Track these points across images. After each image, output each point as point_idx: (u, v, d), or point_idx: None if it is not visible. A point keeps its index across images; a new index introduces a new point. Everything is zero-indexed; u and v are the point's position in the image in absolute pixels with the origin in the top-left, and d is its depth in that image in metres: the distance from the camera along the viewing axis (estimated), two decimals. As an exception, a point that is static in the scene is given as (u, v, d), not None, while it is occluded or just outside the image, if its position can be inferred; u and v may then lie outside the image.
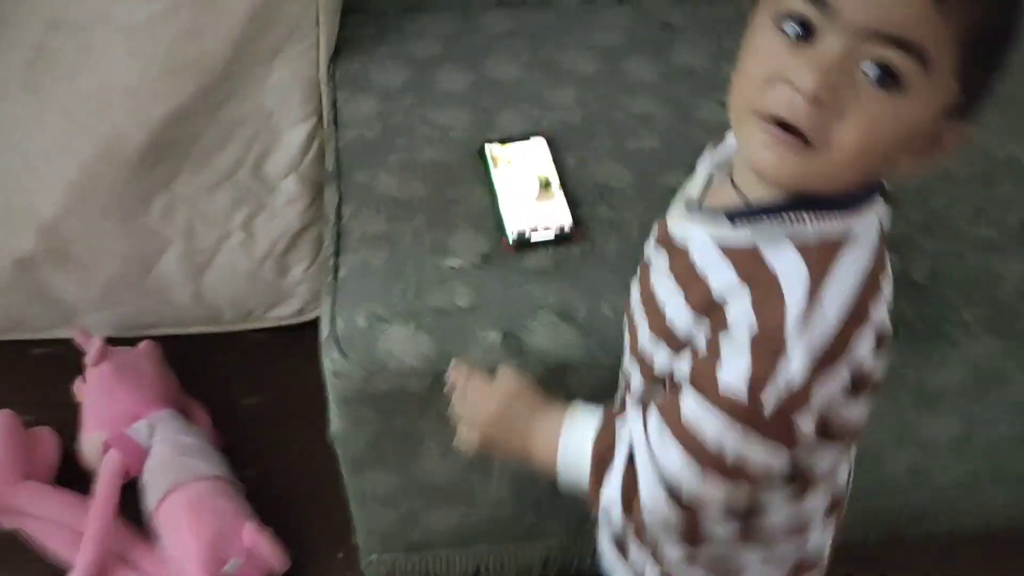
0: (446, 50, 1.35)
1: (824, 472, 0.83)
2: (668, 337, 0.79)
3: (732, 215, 0.74)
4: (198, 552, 1.24)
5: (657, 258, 0.83)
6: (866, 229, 0.74)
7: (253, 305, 1.55)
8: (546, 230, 1.11)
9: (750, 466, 0.73)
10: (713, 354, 0.73)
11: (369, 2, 1.41)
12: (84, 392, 1.42)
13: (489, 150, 1.19)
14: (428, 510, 1.19)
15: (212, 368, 1.56)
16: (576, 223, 1.12)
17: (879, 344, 0.73)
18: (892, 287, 0.77)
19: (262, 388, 1.56)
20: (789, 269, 0.71)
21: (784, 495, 0.82)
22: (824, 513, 0.88)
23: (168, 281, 1.48)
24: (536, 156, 1.19)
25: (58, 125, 1.31)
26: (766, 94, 0.68)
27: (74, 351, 1.46)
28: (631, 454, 0.77)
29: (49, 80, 1.27)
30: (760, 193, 0.74)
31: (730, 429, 0.71)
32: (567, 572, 1.31)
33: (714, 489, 0.74)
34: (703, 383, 0.73)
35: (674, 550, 0.87)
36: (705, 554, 0.87)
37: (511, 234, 1.10)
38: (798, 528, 0.86)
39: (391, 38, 1.35)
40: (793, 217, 0.71)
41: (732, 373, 0.71)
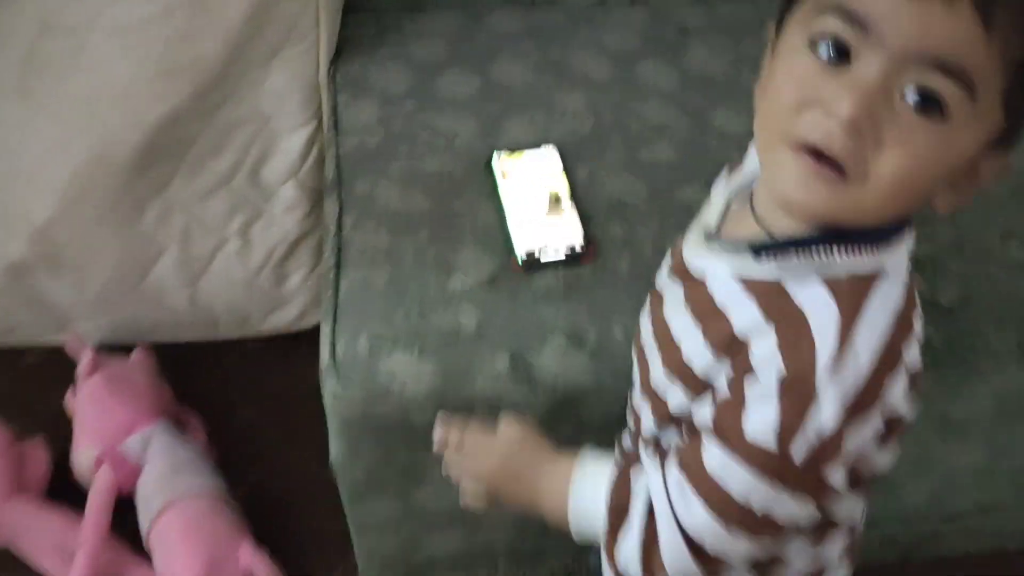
0: (450, 52, 1.29)
1: (845, 518, 0.79)
2: (684, 375, 0.74)
3: (756, 248, 0.70)
4: (194, 574, 1.20)
5: (671, 289, 0.79)
6: (897, 264, 0.70)
7: (250, 312, 1.50)
8: (556, 249, 1.06)
9: (777, 520, 0.69)
10: (737, 400, 0.68)
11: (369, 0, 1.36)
12: (76, 405, 1.38)
13: (497, 160, 1.14)
14: (430, 535, 1.15)
15: (208, 376, 1.53)
16: (588, 241, 1.07)
17: (912, 386, 0.69)
18: (922, 323, 0.73)
19: (259, 398, 1.52)
20: (818, 308, 0.66)
21: (804, 541, 0.78)
22: (841, 554, 0.84)
23: (163, 288, 1.45)
24: (546, 167, 1.14)
25: (50, 129, 1.27)
26: (798, 121, 0.64)
27: (67, 359, 1.43)
28: (650, 509, 0.73)
29: (41, 83, 1.23)
30: (785, 225, 0.70)
31: (757, 482, 0.67)
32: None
33: (739, 544, 0.70)
34: (727, 433, 0.69)
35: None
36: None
37: (520, 254, 1.05)
38: (815, 572, 0.83)
39: (392, 39, 1.30)
40: (822, 252, 0.67)
41: (759, 422, 0.67)
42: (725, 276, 0.71)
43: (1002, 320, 1.06)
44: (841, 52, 0.62)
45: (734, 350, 0.69)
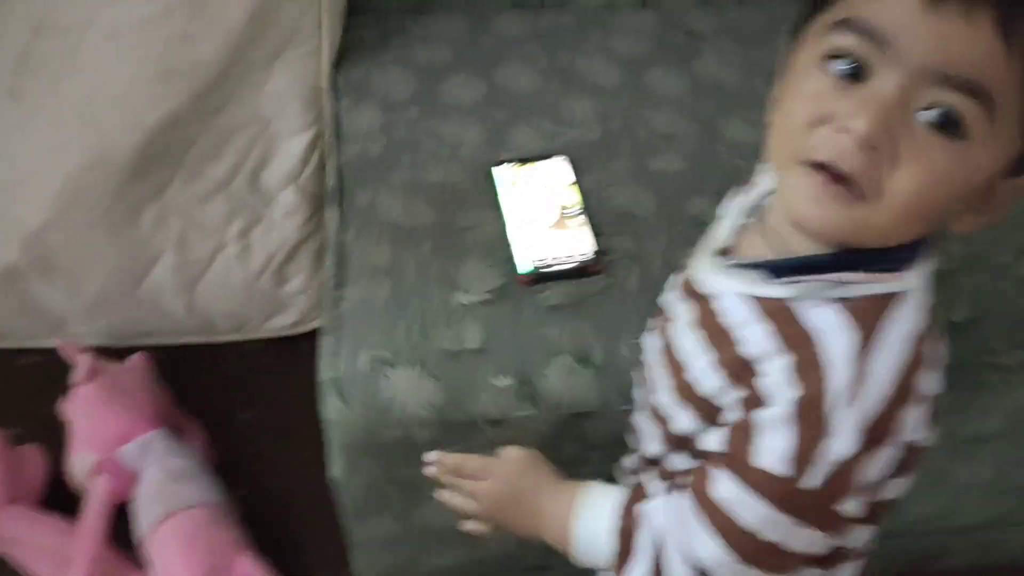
0: (455, 56, 1.27)
1: (858, 547, 0.77)
2: (691, 397, 0.73)
3: (768, 268, 0.68)
4: (191, 587, 1.18)
5: (679, 308, 0.77)
6: (916, 287, 0.67)
7: (249, 317, 1.48)
8: (563, 263, 1.03)
9: (791, 552, 0.67)
10: (748, 428, 0.66)
11: (371, 1, 1.32)
12: (72, 411, 1.35)
13: (502, 171, 1.12)
14: (430, 552, 1.13)
15: (206, 380, 1.51)
16: (595, 255, 1.04)
17: (930, 413, 0.67)
18: (944, 348, 0.71)
19: (258, 402, 1.50)
20: (833, 331, 0.64)
21: (814, 570, 0.76)
22: None
23: (160, 292, 1.42)
24: (553, 178, 1.11)
25: (45, 132, 1.24)
26: (812, 138, 0.62)
27: (61, 361, 1.40)
28: (658, 540, 0.71)
29: (36, 85, 1.21)
30: (799, 245, 0.68)
31: (770, 515, 0.65)
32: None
33: None
34: (738, 463, 0.67)
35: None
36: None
37: (524, 267, 1.03)
38: None
39: (396, 42, 1.27)
40: (838, 275, 0.65)
41: (771, 451, 0.65)
42: (735, 296, 0.70)
43: (1014, 337, 1.04)
44: (856, 68, 0.60)
45: (744, 374, 0.67)
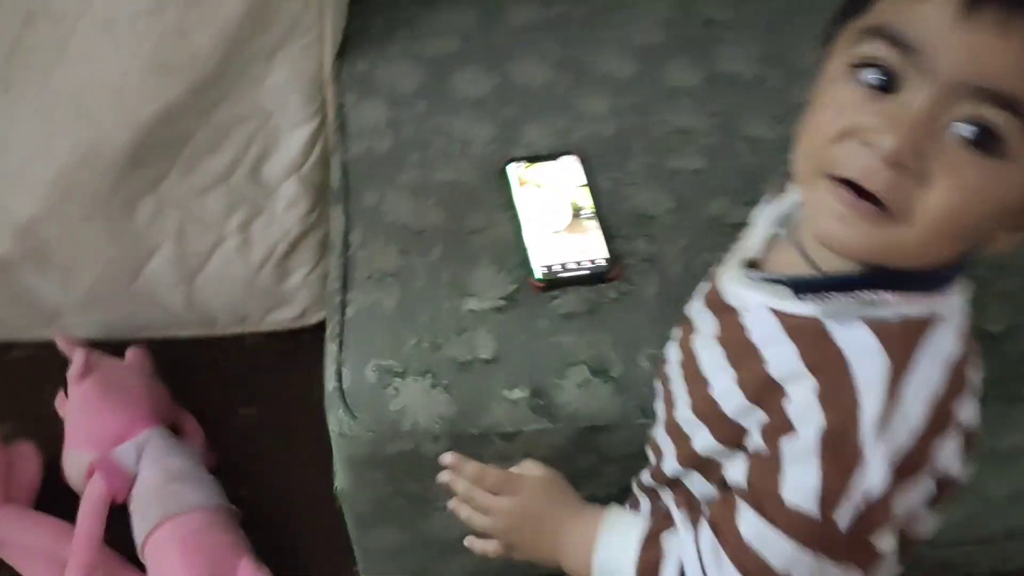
0: (464, 48, 1.21)
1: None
2: (712, 415, 0.69)
3: (798, 286, 0.64)
4: (190, 594, 1.15)
5: (703, 321, 0.73)
6: (953, 309, 0.64)
7: (249, 311, 1.45)
8: (578, 267, 0.99)
9: None
10: (773, 459, 0.63)
11: (376, -12, 1.27)
12: (67, 409, 1.32)
13: (514, 170, 1.07)
14: (439, 562, 1.10)
15: (205, 376, 1.47)
16: (612, 259, 1.00)
17: (966, 444, 0.64)
18: (982, 373, 0.67)
19: (259, 398, 1.47)
20: (864, 355, 0.61)
21: None
22: None
23: (158, 285, 1.39)
24: (567, 178, 1.07)
25: (34, 124, 1.20)
26: (838, 152, 0.58)
27: (56, 354, 1.37)
28: (681, 572, 0.68)
29: (25, 76, 1.16)
30: (828, 262, 0.64)
31: (798, 552, 0.62)
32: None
33: None
34: (763, 498, 0.63)
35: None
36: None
37: (539, 271, 0.98)
38: None
39: (402, 33, 1.22)
40: (871, 294, 0.61)
41: (799, 487, 0.61)
42: (762, 311, 0.66)
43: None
44: (886, 79, 0.57)
45: (768, 396, 0.64)
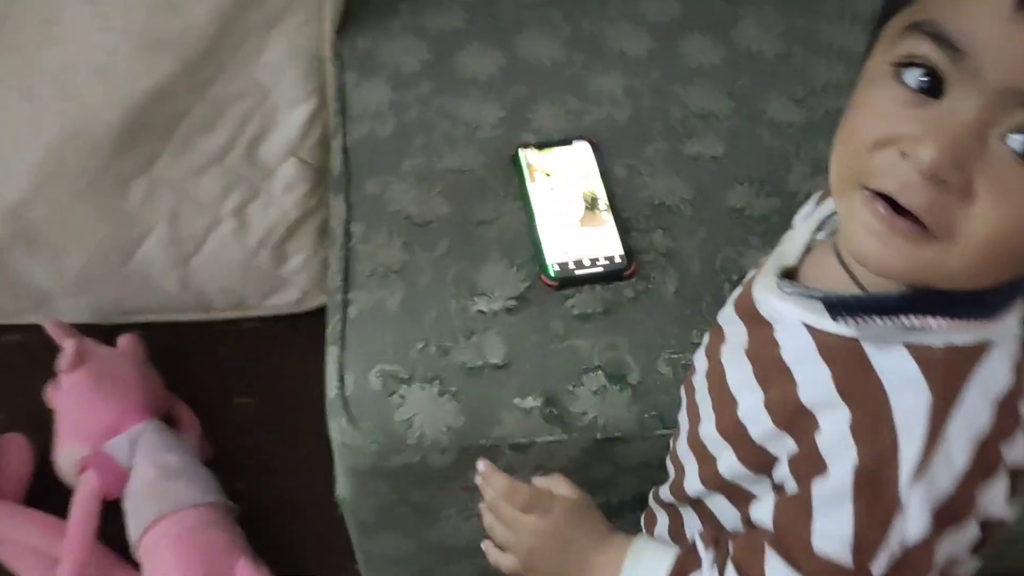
0: (470, 22, 1.14)
1: None
2: (738, 437, 0.64)
3: (833, 306, 0.58)
4: (186, 595, 1.11)
5: (733, 330, 0.68)
6: (1005, 337, 0.58)
7: (247, 293, 1.40)
8: (593, 264, 0.94)
9: None
10: (804, 503, 0.58)
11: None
12: (58, 401, 1.27)
13: (524, 157, 1.01)
14: (444, 567, 1.05)
15: (201, 362, 1.42)
16: (628, 254, 0.94)
17: (1015, 486, 0.58)
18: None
19: (256, 386, 1.42)
20: (905, 386, 0.55)
21: None
22: None
23: (151, 268, 1.34)
24: (579, 165, 1.01)
25: (19, 105, 1.14)
26: (875, 161, 0.52)
27: (48, 340, 1.31)
28: None
29: (9, 56, 1.10)
30: (866, 278, 0.59)
31: None
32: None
33: None
34: (792, 543, 0.58)
35: None
36: None
37: (552, 268, 0.93)
38: None
39: (405, 7, 1.15)
40: (915, 319, 0.55)
41: (830, 534, 0.56)
42: (796, 326, 0.61)
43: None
44: (931, 81, 0.51)
45: (799, 423, 0.59)
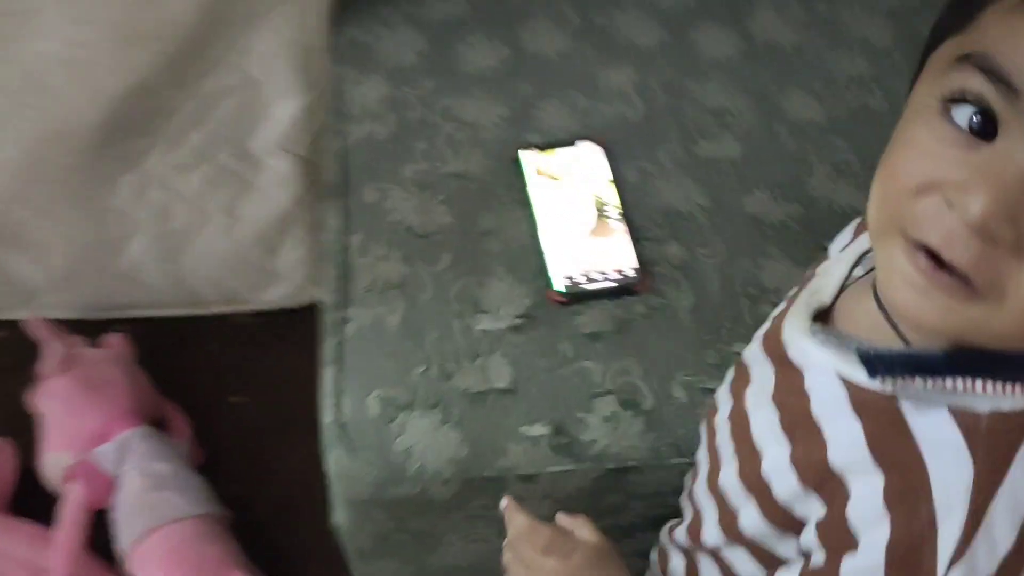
0: (473, 11, 1.08)
1: None
2: (761, 492, 0.59)
3: (871, 360, 0.53)
4: (179, 613, 1.07)
5: (760, 371, 0.63)
6: None
7: (238, 288, 1.35)
8: (604, 277, 0.88)
9: None
10: None
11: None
12: (43, 406, 1.21)
13: (527, 159, 0.95)
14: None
15: (191, 360, 1.37)
16: (641, 267, 0.89)
17: None
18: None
19: (250, 384, 1.37)
20: (946, 457, 0.50)
21: None
22: None
23: (140, 264, 1.29)
24: (587, 168, 0.95)
25: (-6, 101, 1.07)
26: (917, 209, 0.46)
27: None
28: None
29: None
30: (906, 331, 0.53)
31: None
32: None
33: None
34: None
35: None
36: None
37: (560, 283, 0.88)
38: None
39: (402, -6, 1.09)
40: (959, 381, 0.50)
41: None
42: (829, 376, 0.55)
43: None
44: (983, 121, 0.45)
45: (827, 486, 0.54)
